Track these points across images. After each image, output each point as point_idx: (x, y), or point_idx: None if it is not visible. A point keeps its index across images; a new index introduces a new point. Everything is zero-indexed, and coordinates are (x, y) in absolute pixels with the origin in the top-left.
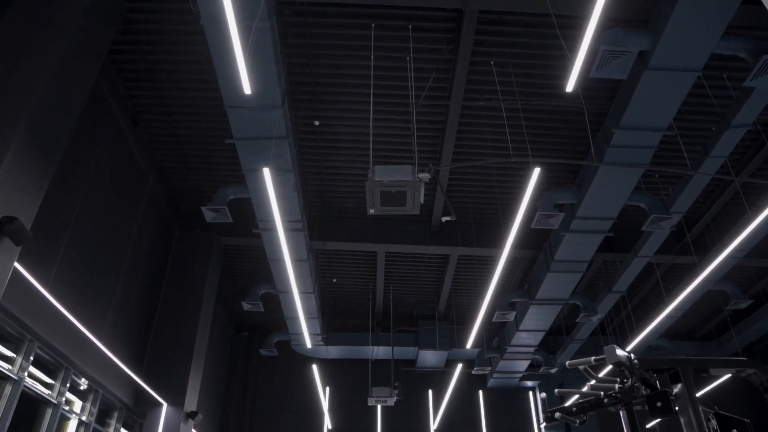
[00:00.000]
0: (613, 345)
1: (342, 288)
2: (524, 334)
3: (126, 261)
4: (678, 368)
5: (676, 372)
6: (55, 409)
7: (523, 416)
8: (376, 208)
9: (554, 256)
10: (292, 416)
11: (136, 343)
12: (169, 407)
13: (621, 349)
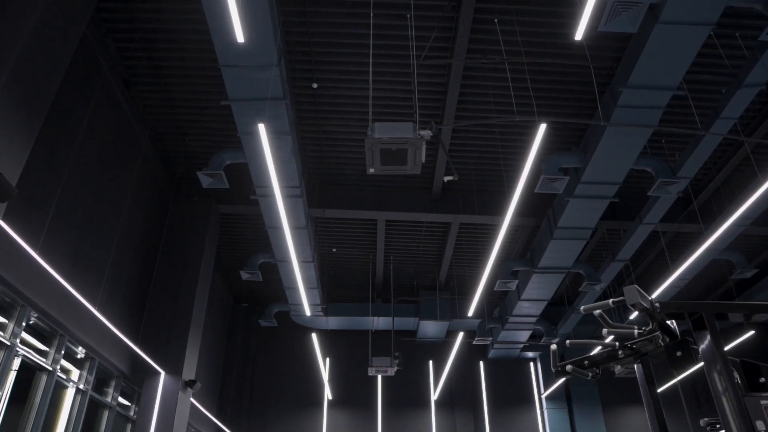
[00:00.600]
0: (633, 285)
1: (342, 258)
2: (526, 304)
3: (119, 227)
4: (702, 312)
5: (699, 318)
6: (50, 376)
7: (523, 387)
8: (375, 168)
9: (558, 223)
10: (293, 387)
11: (131, 311)
12: (167, 376)
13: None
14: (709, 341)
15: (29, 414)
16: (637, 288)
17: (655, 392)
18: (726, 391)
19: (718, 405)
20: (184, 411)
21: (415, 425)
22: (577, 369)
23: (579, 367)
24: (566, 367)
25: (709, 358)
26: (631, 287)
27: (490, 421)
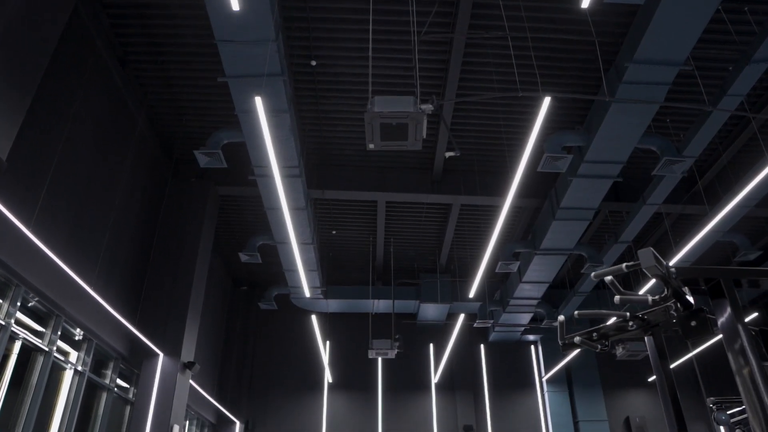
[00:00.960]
0: (649, 248)
1: (341, 240)
2: (527, 286)
3: (115, 207)
4: (720, 279)
5: (716, 285)
6: (47, 357)
7: (524, 370)
8: (375, 143)
9: (560, 203)
10: (293, 370)
11: (129, 292)
12: (165, 357)
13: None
14: (728, 310)
15: (26, 395)
16: (652, 251)
17: (668, 367)
18: (746, 361)
19: (738, 376)
20: (183, 393)
21: (415, 408)
22: (585, 341)
23: (587, 339)
24: (574, 339)
25: (727, 328)
26: (646, 250)
27: (491, 404)
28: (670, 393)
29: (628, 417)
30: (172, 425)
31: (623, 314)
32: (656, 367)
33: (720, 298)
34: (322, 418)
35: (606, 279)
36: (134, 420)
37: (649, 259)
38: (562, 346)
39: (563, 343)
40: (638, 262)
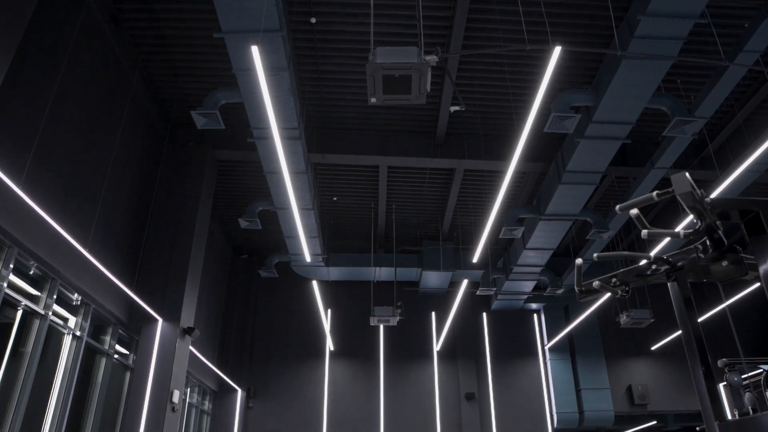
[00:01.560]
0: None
1: (342, 207)
2: (531, 253)
3: (110, 170)
4: (760, 211)
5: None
6: (43, 320)
7: (527, 338)
8: (377, 97)
9: (566, 167)
10: (294, 338)
11: (126, 257)
12: (164, 323)
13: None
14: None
15: (23, 360)
16: (688, 175)
17: (695, 318)
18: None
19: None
20: (183, 359)
21: (417, 376)
22: (605, 285)
23: (606, 284)
24: (593, 284)
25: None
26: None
27: (493, 372)
28: (698, 348)
29: (630, 385)
30: (172, 391)
31: (646, 255)
32: (681, 317)
33: (759, 234)
34: (323, 385)
35: (632, 213)
36: (134, 386)
37: (685, 184)
38: (579, 293)
39: (580, 290)
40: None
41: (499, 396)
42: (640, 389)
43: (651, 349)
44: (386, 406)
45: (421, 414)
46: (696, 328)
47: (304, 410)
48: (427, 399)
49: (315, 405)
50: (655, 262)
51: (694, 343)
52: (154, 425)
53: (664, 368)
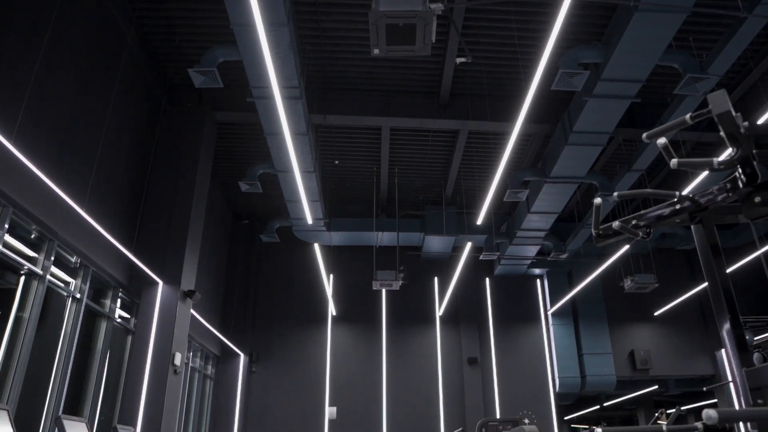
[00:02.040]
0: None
1: (344, 171)
2: (535, 217)
3: (105, 130)
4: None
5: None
6: (41, 281)
7: (530, 304)
8: (381, 48)
9: (573, 127)
10: (296, 303)
11: (124, 219)
12: (165, 286)
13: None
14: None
15: (21, 322)
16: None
17: (722, 265)
18: None
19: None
20: (184, 322)
21: (419, 341)
22: (625, 227)
23: (626, 224)
24: (613, 225)
25: None
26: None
27: (496, 337)
28: (726, 299)
29: (632, 350)
30: (174, 353)
31: (671, 193)
32: (706, 264)
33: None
34: (326, 350)
35: (659, 142)
36: (135, 349)
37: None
38: (596, 237)
39: (597, 234)
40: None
41: (502, 361)
42: (642, 354)
43: (654, 314)
44: (389, 370)
45: (423, 378)
46: (724, 278)
47: (307, 375)
48: (430, 363)
49: (317, 369)
50: (680, 201)
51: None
52: (157, 388)
53: (667, 334)
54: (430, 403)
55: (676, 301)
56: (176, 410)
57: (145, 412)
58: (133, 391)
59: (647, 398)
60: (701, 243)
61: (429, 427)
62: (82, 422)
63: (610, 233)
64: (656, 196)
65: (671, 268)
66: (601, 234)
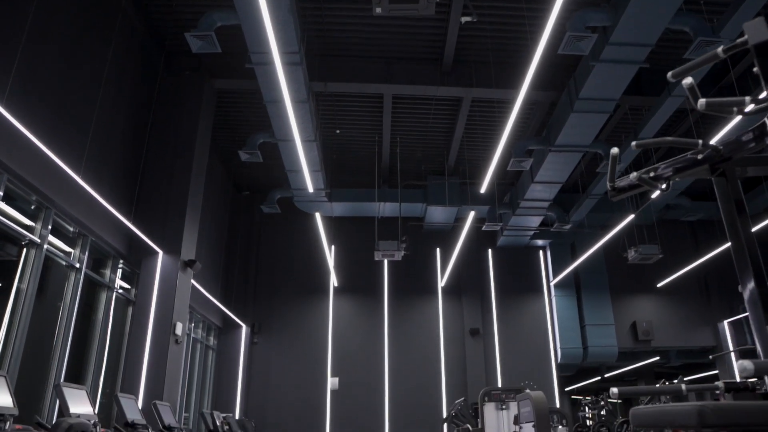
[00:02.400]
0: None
1: (346, 141)
2: (539, 187)
3: (101, 95)
4: None
5: None
6: (39, 250)
7: (532, 275)
8: (383, 7)
9: (579, 94)
10: (298, 274)
11: (122, 189)
12: (165, 255)
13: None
14: None
15: (19, 293)
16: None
17: (747, 222)
18: None
19: None
20: (185, 292)
21: (421, 312)
22: (644, 178)
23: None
24: (630, 176)
25: None
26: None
27: (498, 308)
28: (751, 258)
29: (634, 322)
30: (175, 323)
31: (693, 141)
32: (729, 220)
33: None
34: (328, 321)
35: (686, 82)
36: (136, 319)
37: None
38: (611, 190)
39: (612, 187)
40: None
41: (504, 332)
42: (644, 326)
43: (657, 286)
44: (390, 341)
45: (425, 349)
46: (749, 237)
47: (309, 345)
48: (432, 334)
49: (319, 340)
50: (703, 151)
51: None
52: (158, 357)
53: (669, 305)
54: (432, 373)
55: (680, 273)
56: (178, 380)
57: (147, 382)
58: (134, 361)
59: (648, 370)
60: (724, 197)
61: (431, 397)
62: (82, 389)
63: (626, 187)
64: (678, 145)
65: (675, 240)
66: (616, 188)
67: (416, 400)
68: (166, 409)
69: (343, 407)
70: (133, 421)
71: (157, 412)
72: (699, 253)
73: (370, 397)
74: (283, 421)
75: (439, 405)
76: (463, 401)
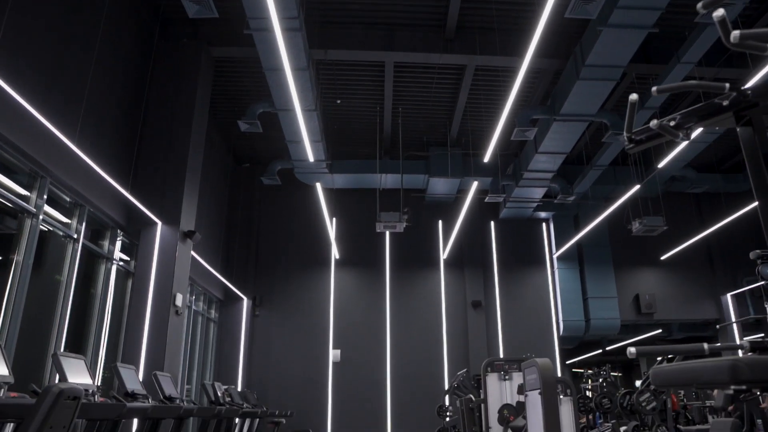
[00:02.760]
0: None
1: (347, 111)
2: (543, 158)
3: (95, 61)
4: None
5: None
6: (35, 218)
7: (535, 247)
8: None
9: (586, 60)
10: (299, 246)
11: (119, 159)
12: (164, 226)
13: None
14: None
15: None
16: None
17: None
18: None
19: None
20: (185, 263)
21: (423, 284)
22: (665, 126)
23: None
24: (650, 125)
25: None
26: None
27: (500, 280)
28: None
29: (637, 294)
30: (175, 294)
31: (719, 85)
32: (756, 172)
33: None
34: (329, 293)
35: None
36: (136, 290)
37: None
38: (629, 141)
39: (630, 138)
40: None
41: (506, 304)
42: (647, 298)
43: (661, 258)
44: (392, 313)
45: (427, 321)
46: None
47: (311, 318)
48: (434, 307)
49: (321, 313)
50: (728, 96)
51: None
52: (158, 329)
53: (673, 278)
54: (433, 345)
55: (684, 245)
56: (179, 351)
57: (148, 353)
58: (135, 333)
59: (650, 343)
60: (749, 147)
61: (433, 369)
62: (81, 359)
63: (644, 139)
64: (702, 89)
65: (680, 212)
66: (634, 138)
67: (418, 371)
68: (166, 379)
69: (344, 379)
70: (132, 390)
71: (157, 383)
72: (703, 225)
73: (372, 370)
74: (285, 393)
75: (441, 377)
76: (465, 373)
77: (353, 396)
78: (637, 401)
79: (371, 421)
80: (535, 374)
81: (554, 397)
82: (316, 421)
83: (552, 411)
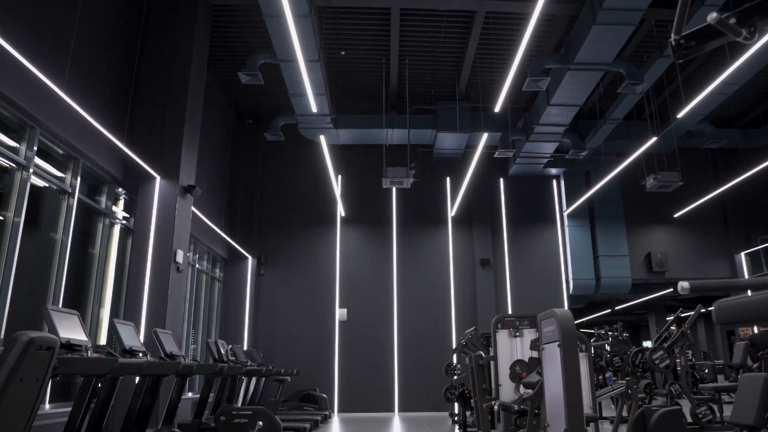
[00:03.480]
0: None
1: (351, 63)
2: (555, 110)
3: (80, 10)
4: None
5: None
6: (25, 170)
7: (545, 204)
8: None
9: (603, 3)
10: (304, 204)
11: (114, 110)
12: (162, 180)
13: None
14: None
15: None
16: None
17: None
18: None
19: None
20: (185, 218)
21: (431, 242)
22: (725, 22)
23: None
24: (708, 18)
25: None
26: None
27: (509, 238)
28: None
29: (649, 253)
30: (176, 250)
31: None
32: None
33: None
34: (335, 251)
35: None
36: (135, 247)
37: None
38: (676, 46)
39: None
40: None
41: (515, 262)
42: (659, 257)
43: (674, 216)
44: (399, 272)
45: (435, 279)
46: None
47: (317, 277)
48: (441, 265)
49: (327, 271)
50: None
51: None
52: (159, 285)
53: (686, 236)
54: (441, 303)
55: (698, 203)
56: (180, 308)
57: (149, 311)
58: (135, 290)
59: (659, 303)
60: None
61: (441, 326)
62: (74, 314)
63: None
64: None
65: (694, 169)
66: (682, 44)
67: (426, 330)
68: (168, 337)
69: (351, 338)
70: (131, 347)
71: (158, 340)
72: (718, 182)
73: (379, 328)
74: (292, 352)
75: (449, 335)
76: (474, 330)
77: (360, 355)
78: (650, 359)
79: (378, 379)
80: (553, 326)
81: (575, 348)
82: (323, 379)
83: (572, 364)
